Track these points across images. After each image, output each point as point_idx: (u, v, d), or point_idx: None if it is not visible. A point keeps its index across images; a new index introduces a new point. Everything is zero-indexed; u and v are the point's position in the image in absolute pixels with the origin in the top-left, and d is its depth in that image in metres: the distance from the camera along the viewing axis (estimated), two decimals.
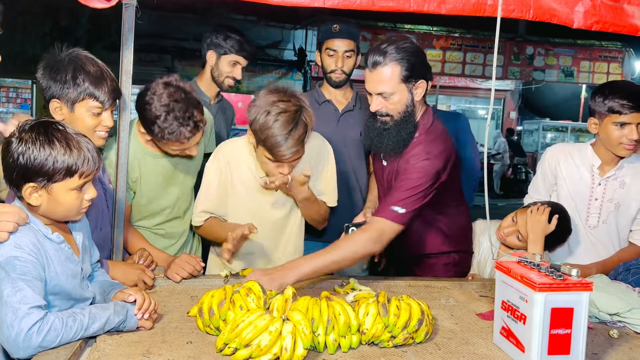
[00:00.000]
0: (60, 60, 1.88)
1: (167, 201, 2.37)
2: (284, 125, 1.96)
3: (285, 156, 2.01)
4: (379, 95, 2.13)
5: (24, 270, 1.42)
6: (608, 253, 2.42)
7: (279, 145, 1.98)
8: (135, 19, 1.99)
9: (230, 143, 2.34)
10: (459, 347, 1.62)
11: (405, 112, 2.14)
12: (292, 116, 1.98)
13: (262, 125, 1.98)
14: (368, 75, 2.13)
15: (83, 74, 1.86)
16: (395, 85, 2.09)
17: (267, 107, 1.99)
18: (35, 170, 1.46)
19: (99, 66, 1.92)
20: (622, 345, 1.71)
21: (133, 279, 1.95)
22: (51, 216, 1.55)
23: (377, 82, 2.10)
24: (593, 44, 11.29)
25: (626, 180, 2.38)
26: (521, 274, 1.50)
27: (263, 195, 2.25)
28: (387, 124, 2.17)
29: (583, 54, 11.27)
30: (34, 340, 1.37)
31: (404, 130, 2.15)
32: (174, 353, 1.48)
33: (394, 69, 2.07)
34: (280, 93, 2.03)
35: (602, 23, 2.02)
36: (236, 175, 2.25)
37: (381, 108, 2.14)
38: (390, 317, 1.57)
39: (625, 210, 2.38)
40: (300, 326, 1.47)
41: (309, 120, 2.03)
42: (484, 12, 1.94)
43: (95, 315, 1.51)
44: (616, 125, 2.27)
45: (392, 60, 2.06)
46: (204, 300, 1.66)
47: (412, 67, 2.09)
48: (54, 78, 1.86)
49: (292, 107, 1.99)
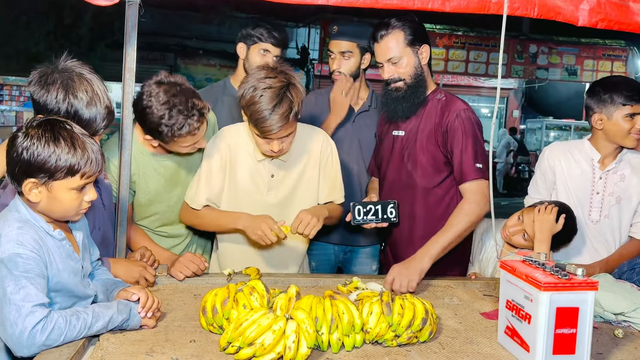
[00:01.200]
0: (54, 80, 1.73)
1: (169, 203, 2.35)
2: (269, 100, 1.98)
3: (271, 131, 2.01)
4: (389, 62, 2.30)
5: (26, 268, 1.42)
6: (610, 248, 2.43)
7: (264, 120, 1.99)
8: (138, 17, 1.99)
9: (230, 127, 2.35)
10: (463, 346, 1.62)
11: (415, 74, 2.31)
12: (277, 92, 1.99)
13: (248, 100, 2.01)
14: (376, 47, 2.32)
15: (73, 99, 1.72)
16: (401, 49, 2.28)
17: (254, 83, 2.01)
18: (38, 166, 1.46)
19: (93, 90, 1.77)
20: (627, 345, 1.71)
21: (135, 276, 1.95)
22: (49, 214, 1.55)
23: (385, 50, 2.29)
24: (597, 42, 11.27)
25: (626, 173, 2.41)
26: (526, 273, 1.50)
27: (261, 178, 2.26)
28: (401, 89, 2.32)
29: (587, 52, 11.26)
30: (38, 338, 1.37)
31: (419, 91, 2.32)
32: (178, 352, 1.48)
33: (398, 34, 2.27)
34: (268, 70, 2.05)
35: (607, 21, 2.01)
36: (235, 157, 2.25)
37: (393, 74, 2.31)
38: (394, 316, 1.57)
39: (627, 204, 2.40)
40: (303, 325, 1.46)
41: (295, 97, 2.03)
42: (489, 10, 1.93)
43: (98, 314, 1.50)
44: (627, 117, 2.32)
45: (394, 28, 2.27)
46: (208, 298, 1.66)
47: (414, 31, 2.28)
48: (45, 91, 1.72)
49: (277, 83, 2.00)
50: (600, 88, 2.38)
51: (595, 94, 2.38)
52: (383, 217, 2.22)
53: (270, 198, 2.27)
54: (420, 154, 2.33)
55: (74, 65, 1.79)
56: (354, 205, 2.22)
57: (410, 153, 2.36)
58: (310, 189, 2.31)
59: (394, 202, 2.22)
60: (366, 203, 2.23)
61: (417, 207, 2.37)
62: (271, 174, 2.26)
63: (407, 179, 2.38)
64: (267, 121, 1.99)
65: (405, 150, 2.38)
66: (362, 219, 2.21)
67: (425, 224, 2.36)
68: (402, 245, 2.45)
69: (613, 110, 2.33)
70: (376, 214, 2.22)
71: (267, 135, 2.04)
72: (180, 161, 2.31)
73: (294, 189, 2.29)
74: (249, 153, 2.26)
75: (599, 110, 2.37)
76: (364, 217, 2.21)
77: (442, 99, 2.34)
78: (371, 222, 2.22)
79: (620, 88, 2.33)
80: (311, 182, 2.31)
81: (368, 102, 2.79)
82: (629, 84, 2.37)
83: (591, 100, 2.40)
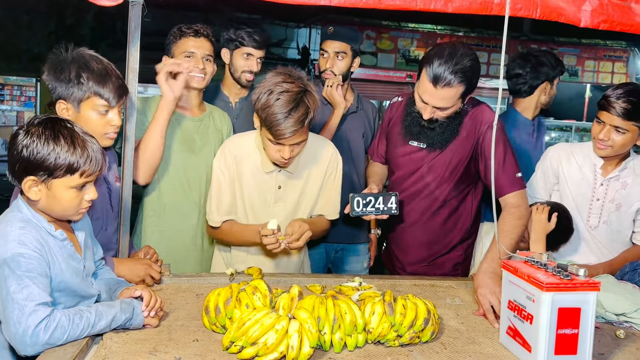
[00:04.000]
0: (64, 60, 1.87)
1: (184, 168, 2.38)
2: (285, 104, 1.97)
3: (284, 135, 2.00)
4: (435, 107, 2.16)
5: (29, 267, 1.42)
6: (610, 253, 2.41)
7: (279, 124, 1.98)
8: (141, 17, 1.99)
9: (237, 137, 2.33)
10: (465, 346, 1.62)
11: (453, 115, 2.21)
12: (294, 96, 1.98)
13: (264, 104, 2.00)
14: (431, 89, 2.10)
15: (87, 72, 1.85)
16: (455, 101, 2.14)
17: (270, 87, 2.01)
18: (37, 164, 1.47)
19: (103, 63, 1.90)
20: (629, 346, 1.71)
21: (140, 275, 1.95)
22: (49, 213, 1.55)
23: (440, 99, 2.12)
24: (598, 43, 11.25)
25: (628, 181, 2.37)
26: (528, 273, 1.50)
27: (268, 190, 2.24)
28: (433, 123, 2.23)
29: (588, 53, 11.24)
30: (41, 337, 1.38)
31: (450, 127, 2.24)
32: (181, 351, 1.49)
33: (458, 89, 2.10)
34: (285, 75, 2.04)
35: (609, 22, 2.01)
36: (241, 169, 2.24)
37: (433, 116, 2.20)
38: (397, 317, 1.57)
39: (627, 211, 2.37)
40: (306, 325, 1.47)
41: (311, 104, 2.03)
42: (491, 11, 1.93)
43: (101, 313, 1.51)
44: (596, 120, 2.32)
45: (458, 82, 2.08)
46: (210, 298, 1.66)
47: (472, 85, 2.15)
48: (58, 78, 1.84)
49: (295, 88, 2.00)
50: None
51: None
52: (383, 209, 2.18)
53: (277, 210, 2.25)
54: (444, 168, 2.29)
55: (81, 49, 1.92)
56: (353, 196, 2.18)
57: (432, 166, 2.31)
58: (312, 199, 2.30)
59: (395, 194, 2.18)
60: (366, 195, 2.19)
61: (430, 216, 2.36)
62: (278, 185, 2.24)
63: (424, 189, 2.35)
64: (281, 124, 1.98)
65: (425, 163, 2.32)
66: (362, 211, 2.17)
67: (437, 232, 2.38)
68: (408, 248, 2.45)
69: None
70: (376, 205, 2.18)
71: (279, 140, 2.03)
72: (197, 127, 2.47)
73: (300, 200, 2.28)
74: (256, 164, 2.24)
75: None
76: (363, 208, 2.17)
77: (468, 109, 2.27)
78: (370, 214, 2.18)
79: (607, 92, 2.29)
80: (314, 192, 2.30)
81: (355, 104, 2.85)
82: (616, 89, 2.27)
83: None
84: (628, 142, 2.27)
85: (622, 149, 2.30)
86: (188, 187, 2.42)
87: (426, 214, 2.37)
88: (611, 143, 2.27)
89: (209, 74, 2.46)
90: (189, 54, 2.39)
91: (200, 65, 2.39)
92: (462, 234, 2.41)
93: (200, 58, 2.40)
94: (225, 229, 2.26)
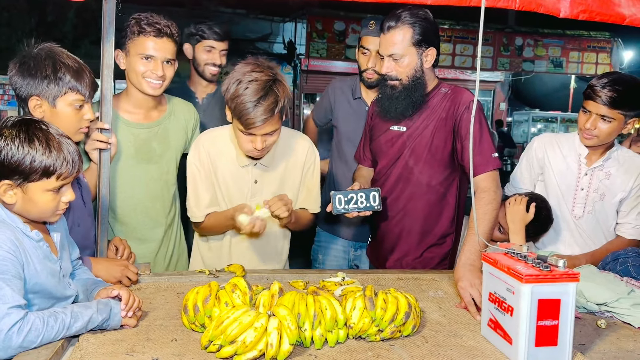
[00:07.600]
0: (37, 56, 1.84)
1: (145, 183, 2.29)
2: (254, 93, 1.96)
3: (255, 124, 1.98)
4: (390, 57, 2.22)
5: (2, 269, 1.39)
6: (594, 243, 2.42)
7: (248, 113, 1.96)
8: (115, 12, 1.96)
9: (210, 132, 2.31)
10: (446, 339, 1.61)
11: (414, 76, 2.24)
12: (262, 85, 1.97)
13: (233, 93, 1.99)
14: (382, 38, 2.24)
15: (63, 67, 1.84)
16: (405, 47, 2.20)
17: (239, 77, 2.00)
18: (12, 168, 1.44)
19: (75, 59, 1.89)
20: (610, 335, 1.71)
21: (116, 275, 1.92)
22: (26, 215, 1.52)
23: (390, 44, 2.20)
24: (582, 34, 11.33)
25: (612, 171, 2.38)
26: (508, 265, 1.50)
27: (244, 184, 2.23)
28: (396, 88, 2.26)
29: (572, 44, 11.32)
30: (15, 340, 1.35)
31: (413, 94, 2.25)
32: (159, 351, 1.46)
33: (406, 32, 2.18)
34: (254, 64, 2.03)
35: (588, 12, 2.00)
36: (216, 164, 2.23)
37: (391, 71, 2.24)
38: (377, 311, 1.56)
39: (610, 201, 2.38)
40: (286, 322, 1.45)
41: (281, 92, 2.01)
42: (470, 2, 1.92)
43: (77, 314, 1.48)
44: (582, 109, 2.34)
45: (404, 23, 2.17)
46: (189, 296, 1.64)
47: (424, 32, 2.19)
48: (33, 75, 1.82)
49: (264, 77, 1.99)
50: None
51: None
52: (366, 206, 2.16)
53: (254, 204, 2.23)
54: (425, 151, 2.29)
55: (48, 44, 1.89)
56: (334, 194, 2.15)
57: (414, 149, 2.31)
58: (293, 193, 2.29)
59: (377, 190, 2.16)
60: (347, 192, 2.16)
61: (416, 203, 2.35)
62: (254, 179, 2.23)
63: (408, 175, 2.34)
64: (251, 113, 1.96)
65: (407, 146, 2.33)
66: (344, 208, 2.15)
67: (423, 220, 2.36)
68: (395, 240, 2.43)
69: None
70: (358, 202, 2.16)
71: (250, 130, 2.01)
72: (153, 135, 2.33)
73: (277, 194, 2.25)
74: (231, 159, 2.22)
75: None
76: (345, 206, 2.15)
77: (448, 93, 2.29)
78: (353, 210, 2.16)
79: (592, 81, 2.30)
80: (294, 187, 2.29)
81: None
82: (601, 78, 2.28)
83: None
84: (614, 131, 2.29)
85: (608, 138, 2.31)
86: (150, 202, 2.33)
87: (411, 201, 2.36)
88: (597, 132, 2.28)
89: (168, 79, 2.23)
90: (147, 57, 2.15)
91: (159, 71, 2.16)
92: (449, 222, 2.39)
93: (161, 62, 2.16)
94: (210, 222, 2.25)
